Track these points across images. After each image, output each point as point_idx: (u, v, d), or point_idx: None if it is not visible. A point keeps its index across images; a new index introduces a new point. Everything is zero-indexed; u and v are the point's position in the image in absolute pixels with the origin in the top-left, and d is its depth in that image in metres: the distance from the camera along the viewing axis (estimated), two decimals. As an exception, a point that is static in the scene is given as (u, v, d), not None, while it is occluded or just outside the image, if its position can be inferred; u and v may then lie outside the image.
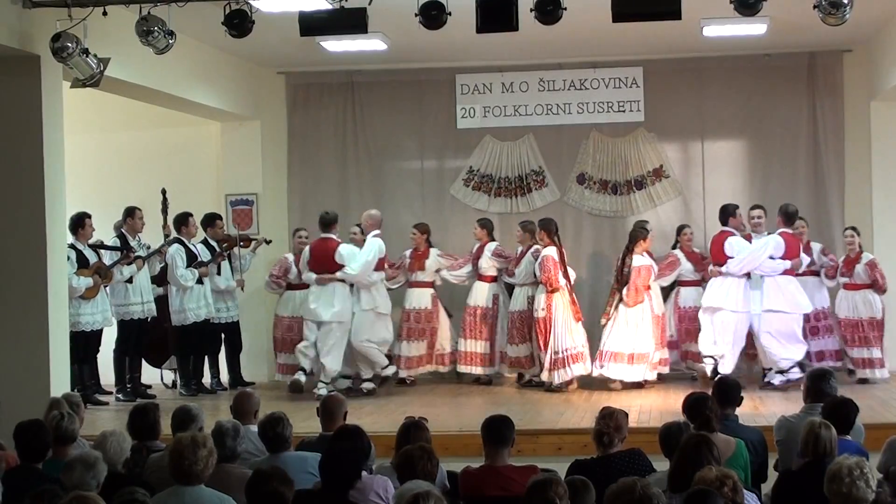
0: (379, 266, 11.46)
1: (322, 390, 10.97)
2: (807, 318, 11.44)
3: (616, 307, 11.48)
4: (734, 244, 11.23)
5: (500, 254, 12.09)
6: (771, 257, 11.09)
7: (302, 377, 11.22)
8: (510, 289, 12.09)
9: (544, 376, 11.36)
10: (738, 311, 11.15)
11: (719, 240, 11.38)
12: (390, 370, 11.66)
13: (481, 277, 12.13)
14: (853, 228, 11.63)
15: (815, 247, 11.74)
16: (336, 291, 11.34)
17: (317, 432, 6.90)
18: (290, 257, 12.06)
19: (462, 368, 12.15)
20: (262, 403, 7.25)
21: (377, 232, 11.55)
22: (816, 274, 11.66)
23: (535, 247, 11.72)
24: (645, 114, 12.95)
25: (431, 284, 12.21)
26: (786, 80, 12.74)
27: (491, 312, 12.05)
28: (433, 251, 12.22)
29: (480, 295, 12.09)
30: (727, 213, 11.50)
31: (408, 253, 12.24)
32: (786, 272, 11.13)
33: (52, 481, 5.31)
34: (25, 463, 5.91)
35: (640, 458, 6.04)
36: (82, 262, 10.76)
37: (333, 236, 11.46)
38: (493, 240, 12.16)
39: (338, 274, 11.28)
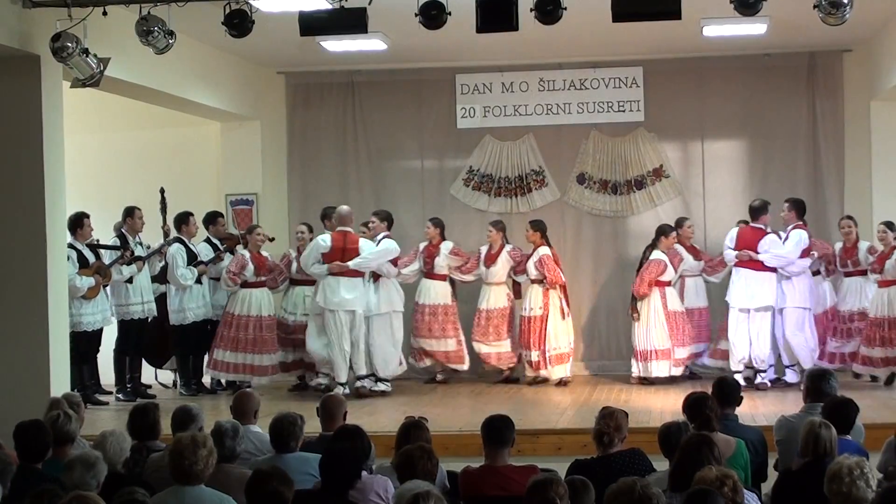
0: (326, 259, 11.03)
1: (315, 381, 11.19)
2: (837, 318, 11.41)
3: (634, 304, 11.61)
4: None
5: (458, 252, 12.10)
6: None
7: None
8: (453, 286, 12.14)
9: (544, 373, 11.54)
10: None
11: None
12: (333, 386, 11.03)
13: (434, 276, 12.04)
14: (887, 224, 11.13)
15: (863, 245, 11.33)
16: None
17: (317, 432, 6.90)
18: (247, 255, 11.62)
19: (419, 364, 12.11)
20: (263, 404, 7.26)
21: (342, 229, 11.17)
22: (864, 273, 11.26)
23: (510, 246, 11.93)
24: (645, 114, 12.94)
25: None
26: (786, 80, 12.74)
27: (451, 309, 12.04)
28: None
29: (436, 293, 12.03)
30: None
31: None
32: (751, 265, 11.12)
33: (52, 481, 5.30)
34: (25, 463, 5.90)
35: (640, 458, 6.04)
36: (82, 262, 10.75)
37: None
38: (445, 238, 12.12)
39: None
